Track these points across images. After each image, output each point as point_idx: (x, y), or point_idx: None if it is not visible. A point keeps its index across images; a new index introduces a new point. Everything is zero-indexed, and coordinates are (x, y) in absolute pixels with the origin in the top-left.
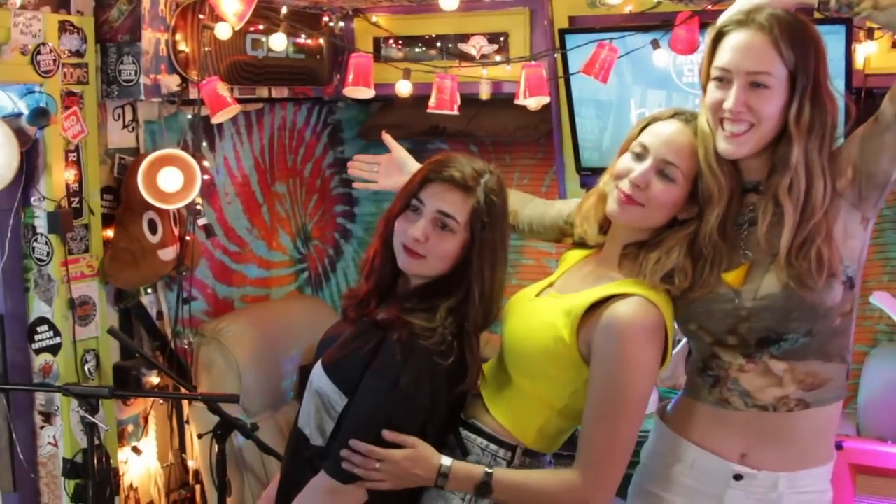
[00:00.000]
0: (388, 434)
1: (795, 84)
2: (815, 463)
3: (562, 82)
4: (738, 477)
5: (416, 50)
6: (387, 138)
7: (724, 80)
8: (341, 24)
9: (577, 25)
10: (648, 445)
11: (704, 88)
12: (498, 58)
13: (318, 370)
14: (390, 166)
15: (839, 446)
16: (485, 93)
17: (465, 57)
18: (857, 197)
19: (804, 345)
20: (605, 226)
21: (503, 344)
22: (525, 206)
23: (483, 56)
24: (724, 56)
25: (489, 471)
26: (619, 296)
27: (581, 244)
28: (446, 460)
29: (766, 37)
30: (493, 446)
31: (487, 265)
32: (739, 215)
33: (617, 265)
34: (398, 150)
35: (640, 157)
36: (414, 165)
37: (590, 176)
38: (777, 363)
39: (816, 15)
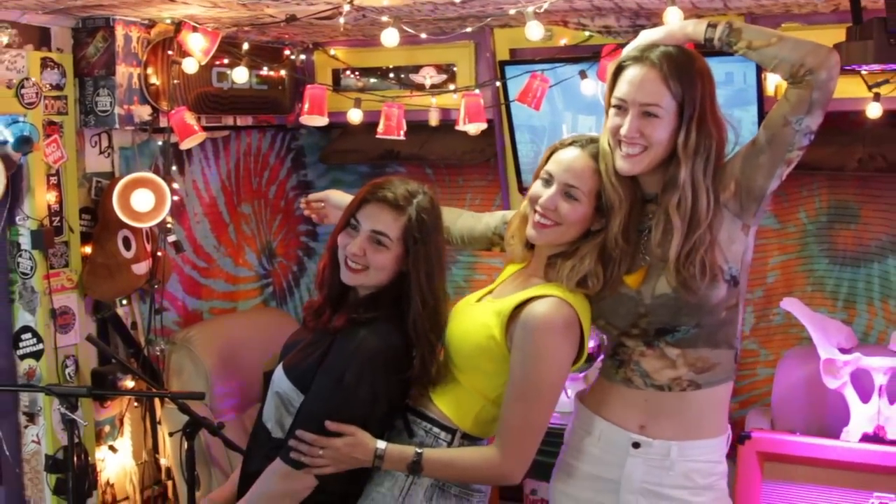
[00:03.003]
0: (329, 424)
1: (683, 113)
2: (705, 435)
3: (504, 109)
4: (636, 445)
5: (372, 80)
6: (309, 207)
7: (622, 109)
8: (302, 56)
9: (518, 57)
10: (569, 425)
11: (607, 113)
12: (452, 86)
13: (279, 373)
14: (331, 206)
15: (748, 436)
16: (433, 119)
17: (417, 86)
18: (738, 208)
19: (695, 335)
20: (529, 243)
21: (446, 343)
22: (456, 221)
23: (434, 86)
24: (622, 88)
25: (419, 451)
26: (538, 297)
27: None
28: (381, 444)
29: (657, 72)
30: (435, 429)
31: (424, 275)
32: (641, 223)
33: (542, 274)
34: (330, 200)
35: (547, 182)
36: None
37: None
38: (671, 349)
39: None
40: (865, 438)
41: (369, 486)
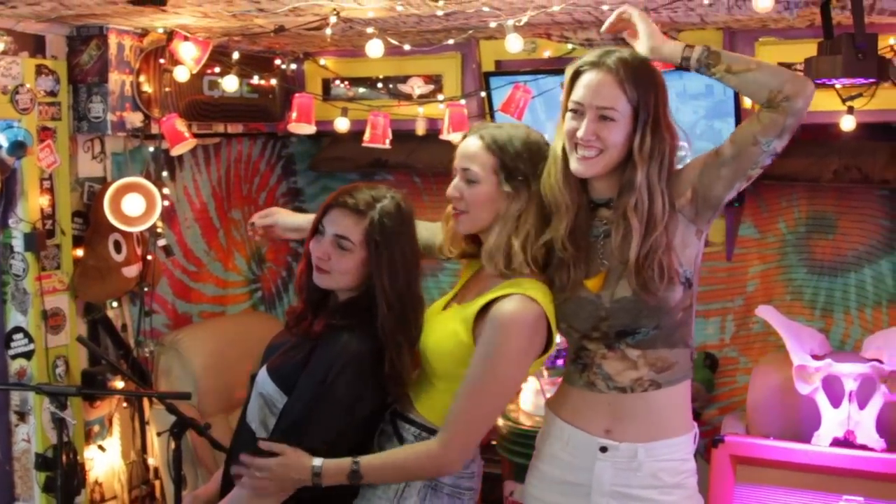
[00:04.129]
0: (262, 443)
1: (638, 118)
2: (670, 434)
3: (489, 119)
4: (603, 449)
5: (361, 90)
6: (255, 231)
7: (578, 112)
8: (293, 66)
9: (503, 69)
10: (540, 432)
11: (563, 117)
12: (440, 97)
13: (262, 374)
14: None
15: (721, 440)
16: (420, 129)
17: (405, 96)
18: (693, 214)
19: (654, 336)
20: (469, 238)
21: (422, 356)
22: (421, 234)
23: (421, 96)
24: (579, 92)
25: (356, 460)
26: (504, 296)
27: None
28: (317, 461)
29: (614, 77)
30: (423, 434)
31: (386, 277)
32: (594, 227)
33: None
34: (278, 219)
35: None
36: (299, 220)
37: None
38: (632, 350)
39: None
40: (836, 443)
41: (364, 488)
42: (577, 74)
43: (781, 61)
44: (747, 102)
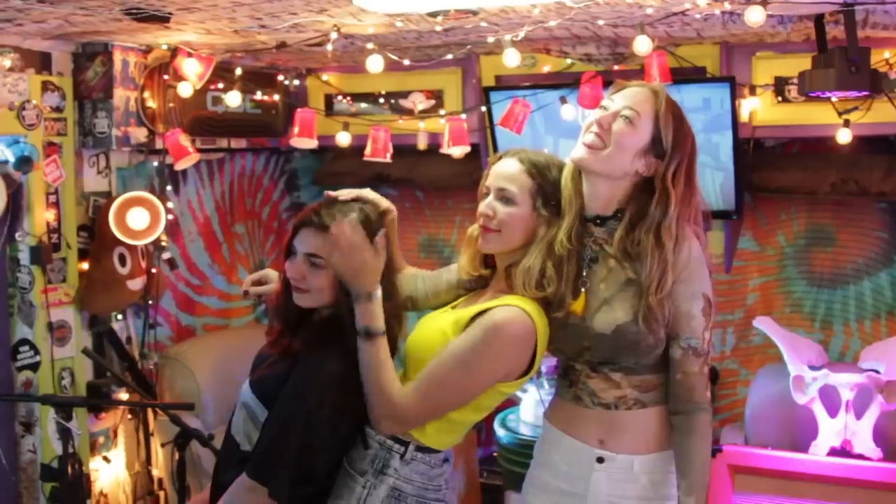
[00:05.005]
0: None
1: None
2: (665, 447)
3: (489, 133)
4: (600, 460)
5: (363, 105)
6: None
7: (605, 108)
8: (296, 81)
9: (503, 83)
10: (538, 441)
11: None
12: (441, 111)
13: (245, 387)
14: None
15: (719, 450)
16: (422, 143)
17: (406, 111)
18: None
19: (635, 366)
20: (487, 263)
21: (404, 353)
22: (416, 288)
23: (423, 111)
24: (612, 99)
25: (381, 331)
26: (501, 305)
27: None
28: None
29: (652, 100)
30: (388, 441)
31: None
32: (586, 247)
33: (503, 286)
34: (271, 278)
35: (486, 196)
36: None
37: None
38: (615, 374)
39: (708, 73)
40: (833, 452)
41: (329, 500)
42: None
43: (778, 75)
44: (744, 116)
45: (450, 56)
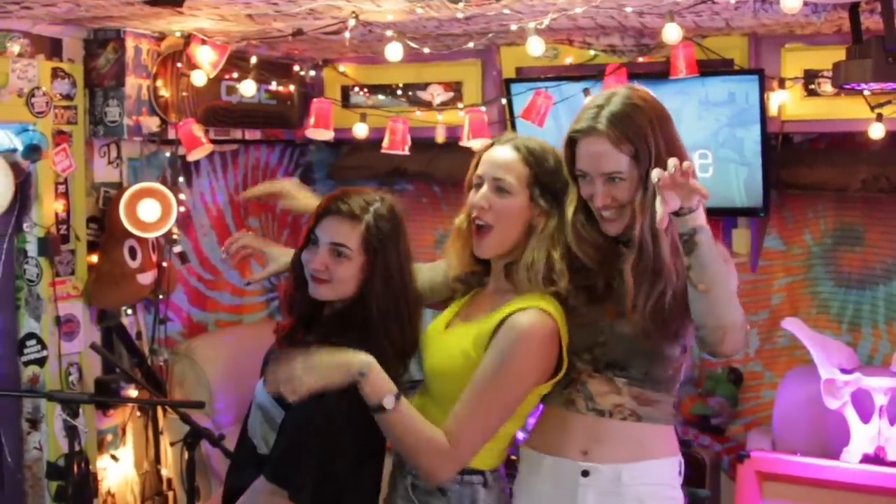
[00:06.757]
0: None
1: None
2: (652, 455)
3: (509, 126)
4: (585, 473)
5: (381, 97)
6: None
7: (587, 178)
8: (311, 72)
9: (523, 75)
10: (517, 478)
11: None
12: (460, 104)
13: (259, 386)
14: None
15: (746, 455)
16: (440, 136)
17: (424, 103)
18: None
19: (641, 377)
20: (475, 258)
21: (425, 378)
22: (423, 275)
23: (441, 103)
24: (582, 161)
25: (399, 393)
26: (520, 310)
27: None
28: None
29: (608, 141)
30: (465, 477)
31: (380, 281)
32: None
33: (509, 285)
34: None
35: (478, 186)
36: (280, 253)
37: None
38: (619, 379)
39: (736, 65)
40: (866, 459)
41: None
42: (572, 142)
43: (808, 68)
44: (773, 110)
45: (471, 45)
